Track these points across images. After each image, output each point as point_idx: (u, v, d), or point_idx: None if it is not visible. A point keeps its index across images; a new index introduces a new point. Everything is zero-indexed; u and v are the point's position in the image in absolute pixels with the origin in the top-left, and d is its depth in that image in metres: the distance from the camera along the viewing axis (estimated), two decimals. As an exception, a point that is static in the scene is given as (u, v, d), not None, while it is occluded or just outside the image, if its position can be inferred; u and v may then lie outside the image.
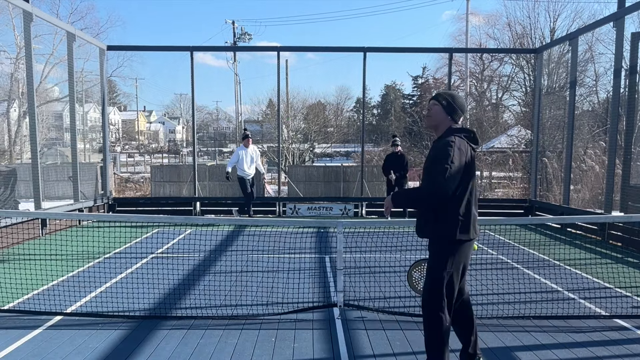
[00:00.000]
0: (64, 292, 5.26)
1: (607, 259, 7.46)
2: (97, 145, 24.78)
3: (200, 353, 3.90)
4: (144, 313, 4.80)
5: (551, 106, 12.93)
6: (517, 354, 3.92)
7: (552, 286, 5.89)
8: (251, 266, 6.75)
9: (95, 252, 7.41)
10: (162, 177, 14.57)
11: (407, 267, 6.80)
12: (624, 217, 7.03)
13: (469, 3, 25.45)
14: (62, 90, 25.42)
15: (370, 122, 45.69)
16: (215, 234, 9.18)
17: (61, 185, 12.43)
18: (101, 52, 11.45)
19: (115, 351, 3.92)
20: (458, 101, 3.35)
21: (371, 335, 4.25)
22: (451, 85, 13.96)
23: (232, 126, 48.47)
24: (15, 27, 21.89)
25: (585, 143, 13.98)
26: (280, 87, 12.73)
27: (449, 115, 3.31)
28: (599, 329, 4.44)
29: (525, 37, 24.92)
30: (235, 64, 30.00)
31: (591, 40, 15.32)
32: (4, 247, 7.63)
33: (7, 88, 22.50)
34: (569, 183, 10.43)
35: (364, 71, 12.12)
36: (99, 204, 11.28)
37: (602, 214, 8.95)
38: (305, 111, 33.92)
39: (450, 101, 3.32)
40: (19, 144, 22.84)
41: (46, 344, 4.04)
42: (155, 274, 5.85)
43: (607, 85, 15.23)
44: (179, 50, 12.40)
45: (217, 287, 5.47)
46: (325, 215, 12.26)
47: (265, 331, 4.35)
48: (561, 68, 15.27)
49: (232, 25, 36.74)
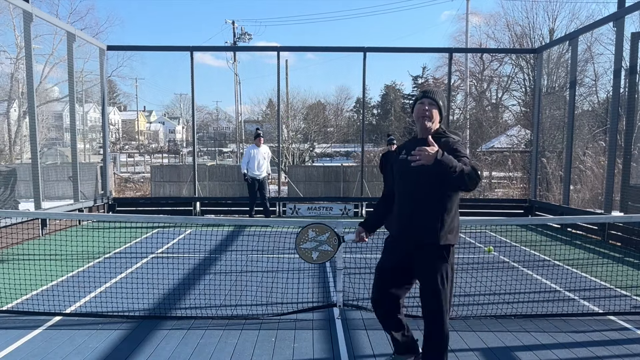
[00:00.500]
0: (63, 292, 5.26)
1: (607, 259, 7.46)
2: (97, 145, 24.81)
3: (200, 353, 3.90)
4: (143, 313, 4.79)
5: (551, 106, 12.94)
6: (517, 354, 3.92)
7: (552, 286, 5.89)
8: (251, 266, 6.75)
9: (95, 252, 7.41)
10: (162, 177, 14.57)
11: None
12: (624, 217, 7.03)
13: (468, 3, 25.45)
14: (62, 90, 25.45)
15: (370, 122, 45.65)
16: (215, 234, 9.18)
17: (61, 185, 12.43)
18: (101, 52, 11.45)
19: (115, 351, 3.92)
20: (446, 101, 3.28)
21: (371, 335, 4.25)
22: (451, 85, 13.97)
23: (232, 126, 48.49)
24: (16, 27, 21.92)
25: (585, 143, 13.99)
26: (280, 87, 12.73)
27: (441, 116, 3.19)
28: (599, 329, 4.45)
29: (525, 37, 24.91)
30: (235, 64, 29.98)
31: (591, 40, 15.32)
32: (4, 247, 7.63)
33: (7, 88, 22.50)
34: (568, 183, 10.43)
35: (363, 71, 12.13)
36: (99, 204, 11.28)
37: (602, 214, 8.95)
38: (305, 111, 33.93)
39: (445, 103, 3.23)
40: (19, 144, 22.84)
41: (46, 344, 4.04)
42: (155, 274, 5.85)
43: (607, 85, 15.25)
44: (179, 50, 12.40)
45: (217, 287, 5.47)
46: (325, 215, 12.26)
47: (265, 331, 4.35)
48: (561, 68, 15.28)
49: (232, 25, 36.72)
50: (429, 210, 3.03)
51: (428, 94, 3.18)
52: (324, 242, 3.60)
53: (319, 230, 3.64)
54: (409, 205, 3.09)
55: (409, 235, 3.11)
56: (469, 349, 4.01)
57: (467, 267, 6.81)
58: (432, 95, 3.17)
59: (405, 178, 3.13)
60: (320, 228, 3.66)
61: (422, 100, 3.14)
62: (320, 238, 3.61)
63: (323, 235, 3.61)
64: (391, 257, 3.27)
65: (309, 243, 3.59)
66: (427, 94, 3.18)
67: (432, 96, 3.16)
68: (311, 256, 3.63)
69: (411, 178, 3.07)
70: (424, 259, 3.08)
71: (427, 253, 3.06)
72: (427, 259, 3.07)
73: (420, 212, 3.05)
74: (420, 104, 3.15)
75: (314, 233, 3.59)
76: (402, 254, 3.18)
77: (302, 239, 3.66)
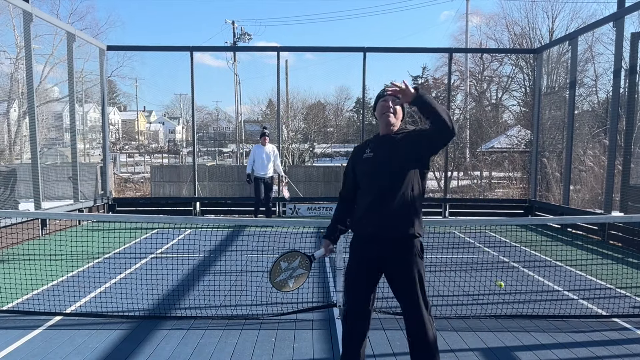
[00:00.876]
0: (63, 292, 5.26)
1: (607, 259, 7.46)
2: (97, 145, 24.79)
3: (200, 353, 3.90)
4: (143, 313, 4.79)
5: (551, 106, 12.93)
6: (517, 354, 3.92)
7: (552, 286, 5.89)
8: (251, 266, 6.75)
9: (95, 252, 7.41)
10: (162, 177, 14.57)
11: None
12: (624, 217, 7.03)
13: (468, 3, 25.48)
14: (62, 90, 25.44)
15: (370, 122, 45.55)
16: (215, 234, 9.19)
17: (61, 185, 12.43)
18: (101, 52, 11.45)
19: (115, 351, 3.92)
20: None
21: (371, 335, 4.23)
22: (451, 85, 13.97)
23: (232, 126, 48.47)
24: (16, 27, 21.91)
25: (585, 143, 13.98)
26: (280, 87, 12.72)
27: (404, 114, 3.21)
28: (599, 329, 4.45)
29: (525, 37, 24.91)
30: (235, 64, 30.00)
31: (591, 40, 15.32)
32: (4, 247, 7.63)
33: (7, 88, 22.50)
34: (568, 183, 10.43)
35: (363, 71, 12.11)
36: (99, 204, 11.28)
37: (602, 214, 8.95)
38: (305, 111, 33.90)
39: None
40: (19, 144, 22.84)
41: (46, 344, 4.04)
42: (155, 274, 5.85)
43: (607, 85, 15.24)
44: (178, 50, 12.39)
45: (217, 287, 5.47)
46: (325, 216, 12.26)
47: (265, 331, 4.35)
48: (561, 68, 15.27)
49: (232, 25, 36.74)
50: (401, 204, 2.98)
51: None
52: (297, 268, 3.47)
53: (289, 258, 3.48)
54: (381, 201, 3.01)
55: (384, 232, 3.00)
56: (468, 349, 4.01)
57: (467, 267, 6.81)
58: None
59: (374, 175, 3.06)
60: (290, 256, 3.50)
61: (386, 97, 3.11)
62: (293, 265, 3.49)
63: (294, 262, 3.48)
64: (362, 259, 3.12)
65: (283, 274, 3.45)
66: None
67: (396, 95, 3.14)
68: (288, 285, 3.50)
69: (381, 173, 3.02)
70: (399, 253, 3.00)
71: (403, 247, 3.00)
72: (403, 254, 3.00)
73: (393, 206, 2.98)
74: (383, 101, 3.13)
75: (286, 263, 3.45)
76: (375, 253, 3.05)
77: (276, 273, 3.47)
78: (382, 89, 3.20)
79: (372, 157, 3.10)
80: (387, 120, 3.10)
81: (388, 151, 3.06)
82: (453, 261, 7.19)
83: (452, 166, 19.82)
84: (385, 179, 3.02)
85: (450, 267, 6.78)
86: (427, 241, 8.17)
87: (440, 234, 8.94)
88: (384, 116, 3.11)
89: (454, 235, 9.18)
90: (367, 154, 3.15)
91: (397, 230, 2.98)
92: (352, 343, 3.15)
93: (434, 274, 6.32)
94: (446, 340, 4.15)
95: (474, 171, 21.16)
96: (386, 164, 3.00)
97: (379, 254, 3.03)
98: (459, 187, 19.85)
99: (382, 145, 3.11)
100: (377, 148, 3.12)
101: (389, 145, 3.08)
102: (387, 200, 3.01)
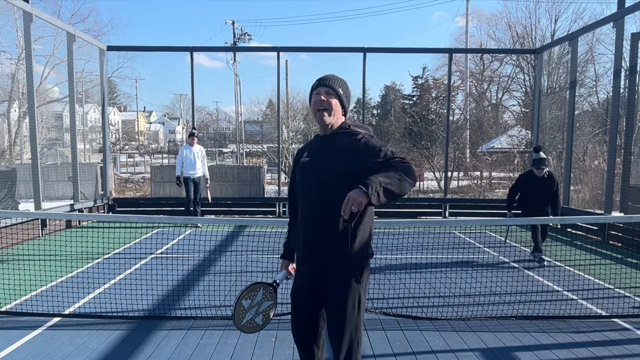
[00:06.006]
0: (63, 292, 5.26)
1: (607, 259, 7.45)
2: (97, 145, 24.80)
3: (200, 353, 3.90)
4: (143, 313, 4.79)
5: (551, 106, 12.94)
6: (517, 354, 3.92)
7: (552, 286, 5.89)
8: (251, 266, 6.75)
9: (94, 252, 7.41)
10: (162, 178, 14.56)
11: (407, 266, 6.82)
12: (624, 218, 7.03)
13: (468, 3, 25.48)
14: (62, 90, 25.45)
15: (370, 122, 45.64)
16: (215, 234, 9.19)
17: (61, 185, 12.43)
18: (101, 52, 11.46)
19: (115, 351, 3.92)
20: (349, 91, 2.63)
21: (371, 335, 4.24)
22: (451, 85, 13.96)
23: (231, 126, 48.50)
24: (18, 28, 21.95)
25: (585, 143, 13.99)
26: (280, 87, 12.72)
27: (344, 108, 2.58)
28: (599, 329, 4.45)
29: (526, 37, 24.94)
30: (235, 65, 30.03)
31: (591, 40, 15.33)
32: (4, 247, 7.63)
33: (8, 88, 22.52)
34: (569, 183, 10.43)
35: (363, 71, 12.11)
36: (99, 204, 11.28)
37: (602, 214, 8.95)
38: (305, 111, 33.90)
39: (347, 91, 2.59)
40: (19, 144, 22.85)
41: (46, 345, 4.04)
42: (155, 274, 5.85)
43: (607, 85, 15.24)
44: (179, 51, 12.41)
45: (217, 287, 5.47)
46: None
47: (265, 331, 4.34)
48: (561, 68, 15.28)
49: (232, 25, 36.75)
50: (335, 222, 2.39)
51: (324, 81, 2.53)
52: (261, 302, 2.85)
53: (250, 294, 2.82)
54: (314, 217, 2.48)
55: (315, 256, 2.52)
56: (468, 349, 4.01)
57: (467, 267, 6.81)
58: (329, 82, 2.52)
59: (306, 185, 2.52)
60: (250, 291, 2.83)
61: (318, 89, 2.52)
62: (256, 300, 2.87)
63: (256, 296, 2.85)
64: (303, 275, 2.64)
65: (248, 314, 2.80)
66: (323, 81, 2.53)
67: (329, 83, 2.52)
68: (257, 324, 2.86)
69: (313, 183, 2.49)
70: (333, 279, 2.48)
71: (336, 272, 2.47)
72: (337, 280, 2.47)
73: (327, 225, 2.43)
74: (316, 95, 2.53)
75: (248, 301, 2.80)
76: (309, 275, 2.59)
77: (239, 317, 2.77)
78: (319, 78, 2.58)
79: (307, 163, 2.56)
80: (321, 120, 2.51)
81: (322, 157, 2.50)
82: (453, 261, 7.19)
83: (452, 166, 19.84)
84: (316, 190, 2.47)
85: (450, 268, 6.78)
86: (427, 241, 8.18)
87: (440, 234, 8.94)
88: (317, 114, 2.52)
89: (454, 236, 9.18)
90: (304, 159, 2.60)
91: (327, 256, 2.47)
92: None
93: (434, 274, 6.33)
94: (446, 341, 4.16)
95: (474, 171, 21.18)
96: (318, 174, 2.46)
97: (313, 276, 2.57)
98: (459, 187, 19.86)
99: (319, 149, 2.55)
100: (314, 152, 2.56)
101: (323, 150, 2.52)
102: (315, 218, 2.48)
